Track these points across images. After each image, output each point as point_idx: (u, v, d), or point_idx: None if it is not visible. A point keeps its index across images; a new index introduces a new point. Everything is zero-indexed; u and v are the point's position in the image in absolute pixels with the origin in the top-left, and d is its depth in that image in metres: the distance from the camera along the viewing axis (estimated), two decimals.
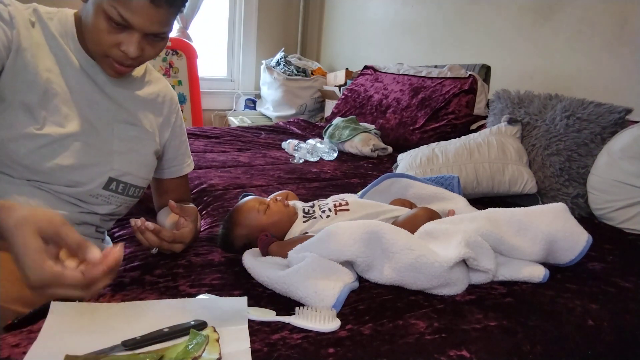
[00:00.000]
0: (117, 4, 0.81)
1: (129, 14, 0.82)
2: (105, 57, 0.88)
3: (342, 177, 1.74)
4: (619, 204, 1.33)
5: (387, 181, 1.19)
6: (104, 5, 0.81)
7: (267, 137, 2.45)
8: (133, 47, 0.85)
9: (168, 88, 1.08)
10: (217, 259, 0.93)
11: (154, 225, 0.86)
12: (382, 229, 0.84)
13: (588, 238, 0.92)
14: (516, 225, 0.92)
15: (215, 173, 1.62)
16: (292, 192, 1.19)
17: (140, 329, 0.66)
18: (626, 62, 1.81)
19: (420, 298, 0.82)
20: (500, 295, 0.85)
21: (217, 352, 0.61)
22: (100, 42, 0.85)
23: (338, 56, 3.76)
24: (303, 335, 0.69)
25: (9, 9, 0.84)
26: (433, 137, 2.07)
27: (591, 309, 0.84)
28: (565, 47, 2.03)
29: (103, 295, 0.80)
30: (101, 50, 0.87)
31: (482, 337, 0.72)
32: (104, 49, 0.86)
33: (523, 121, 1.61)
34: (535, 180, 1.48)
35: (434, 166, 1.55)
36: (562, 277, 0.94)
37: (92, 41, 0.87)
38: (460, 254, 0.81)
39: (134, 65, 0.91)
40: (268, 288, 0.82)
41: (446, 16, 2.68)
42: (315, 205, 1.06)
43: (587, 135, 1.45)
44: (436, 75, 2.30)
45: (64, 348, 0.61)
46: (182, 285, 0.82)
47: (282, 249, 0.89)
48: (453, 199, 1.15)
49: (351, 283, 0.82)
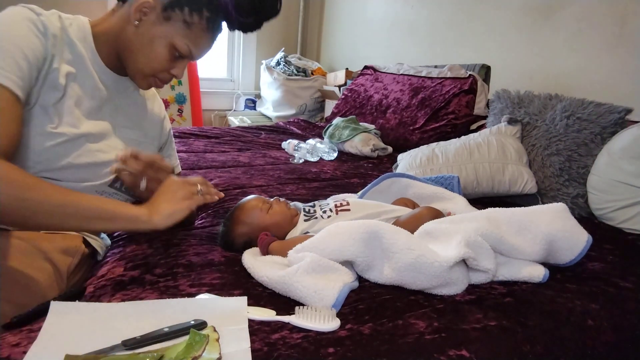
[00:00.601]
0: (189, 41, 0.93)
1: (195, 49, 0.95)
2: (151, 76, 0.97)
3: (342, 177, 1.74)
4: (619, 204, 1.33)
5: (387, 181, 1.19)
6: (175, 40, 0.92)
7: (267, 137, 2.45)
8: (182, 72, 0.98)
9: (157, 96, 1.17)
10: (217, 258, 0.93)
11: (131, 149, 0.91)
12: (381, 228, 0.84)
13: (588, 238, 0.92)
14: (516, 225, 0.92)
15: (215, 173, 1.62)
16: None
17: (140, 329, 0.66)
18: (626, 62, 1.81)
19: (420, 298, 0.82)
20: (500, 295, 0.85)
21: (217, 352, 0.61)
22: (157, 66, 0.94)
23: (338, 56, 3.76)
24: (303, 335, 0.69)
25: (42, 19, 0.87)
26: (433, 137, 2.07)
27: (591, 309, 0.84)
28: (565, 47, 2.03)
29: (103, 295, 0.80)
30: (151, 72, 0.95)
31: (482, 337, 0.72)
32: (156, 72, 0.96)
33: (523, 121, 1.61)
34: (535, 180, 1.48)
35: (434, 166, 1.55)
36: (562, 277, 0.94)
37: (145, 63, 0.94)
38: (460, 254, 0.81)
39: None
40: (268, 287, 0.82)
41: (446, 16, 2.68)
42: (316, 205, 1.06)
43: (587, 135, 1.45)
44: (436, 75, 2.30)
45: (64, 348, 0.61)
46: (182, 284, 0.82)
47: (283, 249, 0.89)
48: (453, 198, 1.15)
49: (351, 283, 0.82)
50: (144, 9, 0.90)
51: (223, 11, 0.92)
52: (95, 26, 0.96)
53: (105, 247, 1.04)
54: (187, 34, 0.92)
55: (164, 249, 0.96)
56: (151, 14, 0.91)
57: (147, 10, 0.91)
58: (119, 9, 0.94)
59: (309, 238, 0.88)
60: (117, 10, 0.95)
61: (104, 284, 0.83)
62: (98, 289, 0.82)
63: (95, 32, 0.95)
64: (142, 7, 0.90)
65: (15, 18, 0.84)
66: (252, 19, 0.94)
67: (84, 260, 0.95)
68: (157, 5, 0.90)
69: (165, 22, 0.91)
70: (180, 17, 0.91)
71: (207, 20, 0.92)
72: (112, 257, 0.95)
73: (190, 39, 0.92)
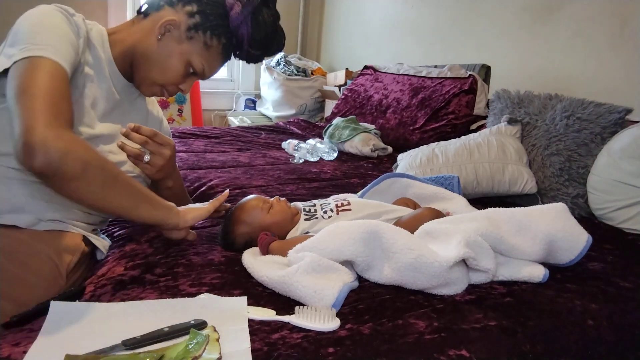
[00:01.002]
0: (204, 61, 1.00)
1: (208, 69, 1.02)
2: (160, 86, 1.01)
3: (342, 177, 1.74)
4: (619, 204, 1.33)
5: (387, 181, 1.19)
6: (192, 58, 0.99)
7: (267, 137, 2.45)
8: (189, 88, 1.04)
9: (155, 101, 1.21)
10: (217, 258, 0.94)
11: (134, 125, 0.94)
12: (381, 228, 0.84)
13: (588, 238, 0.92)
14: (516, 225, 0.92)
15: (215, 173, 1.62)
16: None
17: (140, 329, 0.66)
18: (626, 62, 1.81)
19: (420, 298, 0.82)
20: (500, 295, 0.85)
21: (217, 352, 0.61)
22: (170, 79, 1.00)
23: (338, 56, 3.76)
24: (303, 335, 0.69)
25: (75, 19, 0.91)
26: (433, 137, 2.07)
27: (591, 309, 0.84)
28: (565, 47, 2.03)
29: (103, 295, 0.80)
30: (163, 83, 1.00)
31: (481, 337, 0.72)
32: (167, 84, 1.01)
33: (523, 121, 1.61)
34: (535, 180, 1.48)
35: (434, 166, 1.55)
36: (562, 277, 0.94)
37: (159, 74, 0.99)
38: (460, 254, 0.81)
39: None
40: (268, 287, 0.82)
41: (446, 16, 2.68)
42: (317, 205, 1.06)
43: (587, 135, 1.45)
44: (436, 75, 2.30)
45: (64, 347, 0.61)
46: (182, 284, 0.82)
47: (283, 248, 0.89)
48: (453, 198, 1.15)
49: (351, 282, 0.82)
50: (168, 26, 0.97)
51: (238, 41, 1.01)
52: (112, 34, 1.01)
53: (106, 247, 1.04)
54: (204, 54, 1.00)
55: (164, 249, 0.96)
56: (175, 31, 0.98)
57: (171, 28, 0.97)
58: (140, 22, 1.00)
59: (309, 238, 0.88)
60: (138, 22, 1.01)
61: (104, 283, 0.83)
62: (98, 288, 0.82)
63: (111, 39, 1.00)
64: (168, 24, 0.97)
65: (55, 14, 0.87)
66: (260, 52, 1.04)
67: (83, 258, 0.95)
68: (182, 25, 0.97)
69: (187, 40, 0.98)
70: (201, 39, 0.98)
71: (223, 46, 1.01)
72: (113, 256, 0.95)
73: (206, 60, 1.00)
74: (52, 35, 0.83)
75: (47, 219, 0.89)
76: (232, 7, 0.99)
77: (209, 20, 0.98)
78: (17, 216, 0.86)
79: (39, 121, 0.73)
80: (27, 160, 0.73)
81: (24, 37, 0.82)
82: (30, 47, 0.80)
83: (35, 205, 0.88)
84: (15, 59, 0.79)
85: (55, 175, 0.74)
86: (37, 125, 0.73)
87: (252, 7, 0.99)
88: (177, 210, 0.92)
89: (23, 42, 0.81)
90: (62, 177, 0.74)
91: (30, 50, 0.79)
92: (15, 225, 0.86)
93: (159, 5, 0.99)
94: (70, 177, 0.75)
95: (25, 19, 0.85)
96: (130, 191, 0.85)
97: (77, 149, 0.76)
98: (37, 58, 0.79)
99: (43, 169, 0.73)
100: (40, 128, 0.73)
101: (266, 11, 1.01)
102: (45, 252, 0.87)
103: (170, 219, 0.90)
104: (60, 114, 0.77)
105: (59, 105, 0.78)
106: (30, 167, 0.73)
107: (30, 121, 0.73)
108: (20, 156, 0.73)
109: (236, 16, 0.98)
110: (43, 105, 0.75)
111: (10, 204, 0.87)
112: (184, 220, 0.92)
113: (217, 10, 0.99)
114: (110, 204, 0.83)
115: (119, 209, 0.85)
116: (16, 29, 0.84)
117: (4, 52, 0.83)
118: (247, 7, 0.98)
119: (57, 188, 0.78)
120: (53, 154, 0.72)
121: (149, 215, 0.88)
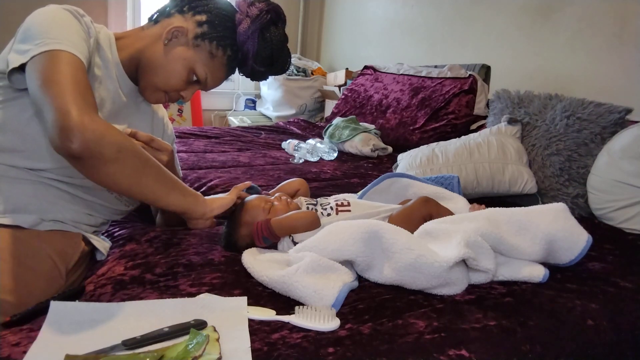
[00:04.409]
0: (208, 70, 1.01)
1: (211, 79, 1.03)
2: (162, 92, 1.02)
3: (342, 177, 1.74)
4: (619, 204, 1.33)
5: (387, 181, 1.19)
6: (196, 65, 0.99)
7: (267, 137, 2.45)
8: (190, 96, 1.04)
9: (160, 105, 1.22)
10: (217, 258, 0.93)
11: (130, 130, 0.97)
12: (381, 228, 0.84)
13: (588, 238, 0.92)
14: (516, 225, 0.92)
15: (215, 173, 1.62)
16: (304, 181, 1.19)
17: (140, 329, 0.66)
18: (626, 62, 1.81)
19: (419, 298, 0.82)
20: (500, 295, 0.85)
21: (217, 352, 0.61)
22: (173, 84, 1.00)
23: (338, 56, 3.76)
24: (303, 335, 0.69)
25: (85, 20, 0.91)
26: (433, 137, 2.07)
27: (591, 309, 0.84)
28: (565, 47, 2.03)
29: (103, 294, 0.80)
30: (165, 88, 1.01)
31: (481, 337, 0.72)
32: (169, 89, 1.01)
33: (523, 121, 1.61)
34: (535, 180, 1.48)
35: (434, 166, 1.55)
36: (562, 277, 0.94)
37: (163, 79, 1.00)
38: (459, 254, 0.81)
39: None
40: (268, 287, 0.82)
41: (446, 16, 2.68)
42: (318, 203, 1.06)
43: (587, 135, 1.45)
44: (436, 75, 2.30)
45: (64, 347, 0.61)
46: (182, 284, 0.82)
47: (284, 223, 0.92)
48: (453, 198, 1.15)
49: (351, 282, 0.82)
50: (176, 32, 0.98)
51: (243, 55, 1.02)
52: (121, 38, 1.01)
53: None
54: (208, 63, 1.01)
55: (164, 249, 0.96)
56: (182, 38, 0.99)
57: (178, 34, 0.99)
58: (149, 28, 1.02)
59: (313, 214, 0.91)
60: (147, 28, 1.02)
61: (104, 282, 0.83)
62: (98, 287, 0.82)
63: (119, 43, 1.00)
64: (176, 30, 0.98)
65: (67, 13, 0.88)
66: (264, 69, 1.05)
67: (82, 258, 0.95)
68: (189, 33, 0.99)
69: (193, 48, 0.99)
70: (207, 48, 1.00)
71: (228, 57, 1.02)
72: (113, 255, 0.95)
73: (209, 69, 1.01)
74: (67, 30, 0.84)
75: (50, 219, 0.89)
76: (240, 21, 1.01)
77: (217, 31, 0.99)
78: (20, 216, 0.86)
79: (73, 106, 0.74)
80: (64, 144, 0.73)
81: (38, 33, 0.82)
82: (47, 41, 0.80)
83: (38, 206, 0.88)
84: (32, 53, 0.79)
85: (92, 157, 0.75)
86: (72, 110, 0.74)
87: (261, 24, 1.00)
88: (203, 199, 0.93)
89: (38, 37, 0.81)
90: (99, 159, 0.76)
91: (47, 44, 0.80)
92: (18, 225, 0.86)
93: (169, 13, 1.01)
94: (107, 160, 0.76)
95: (37, 16, 0.85)
96: (162, 177, 0.87)
97: (112, 132, 0.77)
98: (56, 51, 0.79)
99: (81, 151, 0.74)
100: (76, 112, 0.74)
101: (274, 30, 1.03)
102: (45, 251, 0.87)
103: (197, 207, 0.92)
104: (89, 101, 0.78)
105: (85, 93, 0.79)
106: (68, 150, 0.74)
107: (65, 106, 0.74)
108: (57, 141, 0.74)
109: (244, 31, 1.00)
110: (73, 92, 0.76)
111: (13, 203, 0.87)
112: (211, 208, 0.94)
113: (225, 22, 1.00)
114: (144, 189, 0.85)
115: (152, 194, 0.87)
116: (27, 26, 0.84)
117: (15, 48, 0.83)
118: (255, 23, 1.00)
119: (92, 172, 0.79)
120: (90, 136, 0.74)
121: (179, 202, 0.90)
